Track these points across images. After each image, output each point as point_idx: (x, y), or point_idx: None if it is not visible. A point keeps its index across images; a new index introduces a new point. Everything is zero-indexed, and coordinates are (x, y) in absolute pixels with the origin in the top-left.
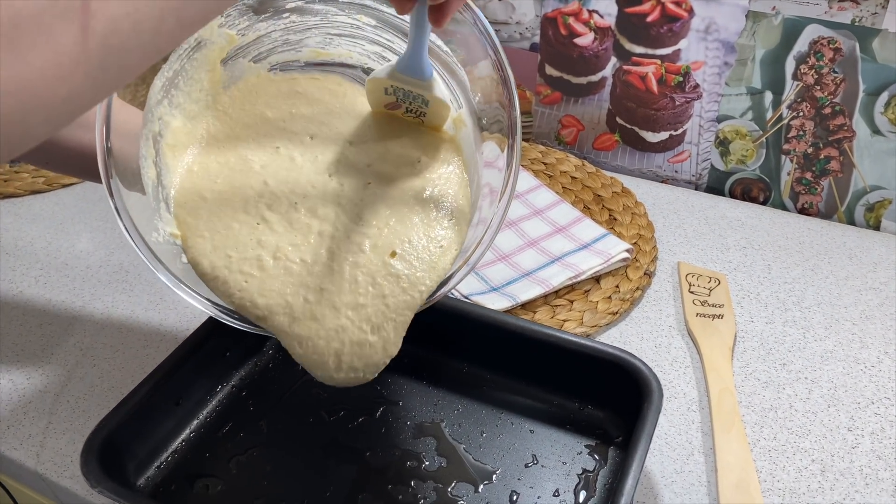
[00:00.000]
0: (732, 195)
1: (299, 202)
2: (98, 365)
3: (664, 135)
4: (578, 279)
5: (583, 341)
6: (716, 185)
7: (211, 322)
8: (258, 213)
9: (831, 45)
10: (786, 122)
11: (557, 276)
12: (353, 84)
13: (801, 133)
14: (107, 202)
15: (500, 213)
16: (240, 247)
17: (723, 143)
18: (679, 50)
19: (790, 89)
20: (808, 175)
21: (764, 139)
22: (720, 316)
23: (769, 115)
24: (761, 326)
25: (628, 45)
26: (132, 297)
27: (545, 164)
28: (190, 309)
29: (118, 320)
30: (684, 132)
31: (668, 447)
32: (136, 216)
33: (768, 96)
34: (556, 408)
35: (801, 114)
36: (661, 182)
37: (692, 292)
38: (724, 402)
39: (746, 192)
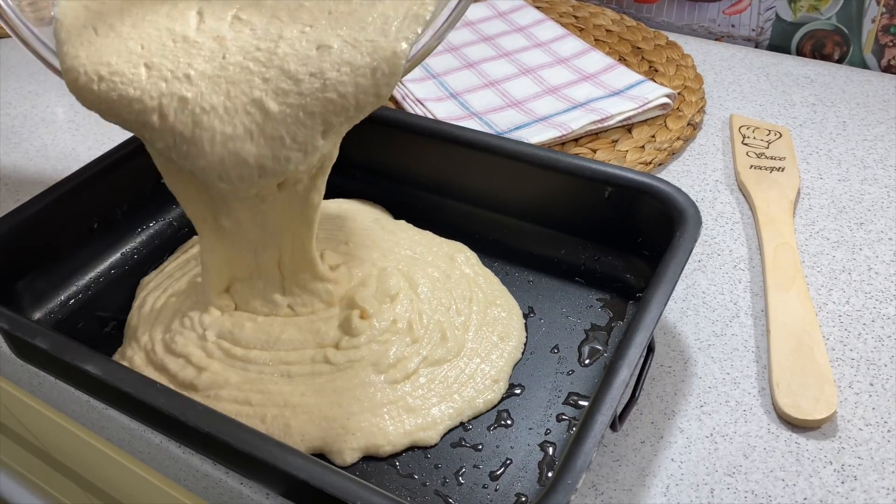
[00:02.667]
0: (801, 53)
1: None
2: None
3: None
4: (605, 125)
5: (597, 165)
6: (780, 41)
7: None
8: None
9: None
10: None
11: (578, 120)
12: None
13: None
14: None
15: None
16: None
17: None
18: None
19: None
20: None
21: None
22: (780, 169)
23: None
24: (833, 184)
25: None
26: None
27: (576, 17)
28: None
29: (41, 163)
30: None
31: (705, 307)
32: None
33: None
34: (565, 256)
35: None
36: (715, 40)
37: (746, 144)
38: (782, 258)
39: (818, 48)
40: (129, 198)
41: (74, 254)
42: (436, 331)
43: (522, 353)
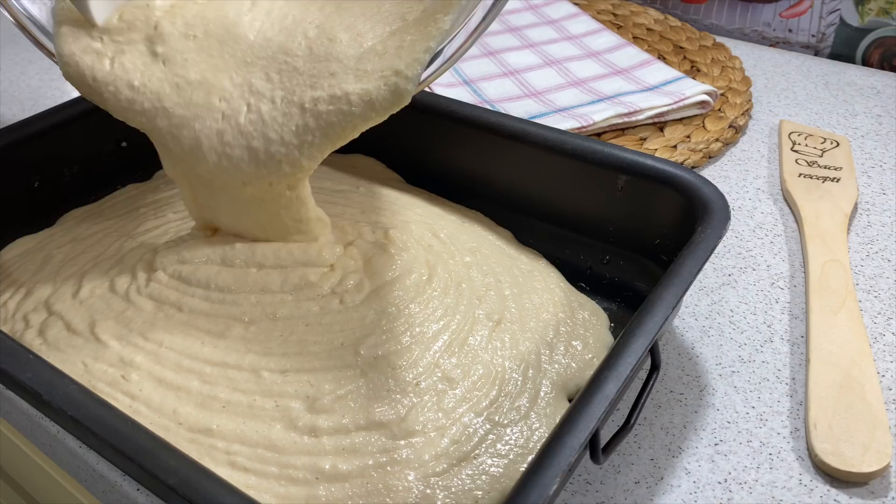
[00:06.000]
0: (867, 63)
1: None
2: None
3: None
4: (633, 119)
5: (610, 149)
6: (844, 49)
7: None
8: None
9: None
10: None
11: (603, 112)
12: None
13: None
14: None
15: None
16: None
17: None
18: None
19: None
20: None
21: None
22: (835, 179)
23: None
24: None
25: None
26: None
27: (615, 14)
28: None
29: None
30: None
31: (732, 328)
32: None
33: None
34: (569, 257)
35: None
36: (769, 46)
37: (796, 151)
38: (830, 277)
39: (888, 58)
40: (82, 158)
41: (12, 222)
42: (518, 369)
43: None
